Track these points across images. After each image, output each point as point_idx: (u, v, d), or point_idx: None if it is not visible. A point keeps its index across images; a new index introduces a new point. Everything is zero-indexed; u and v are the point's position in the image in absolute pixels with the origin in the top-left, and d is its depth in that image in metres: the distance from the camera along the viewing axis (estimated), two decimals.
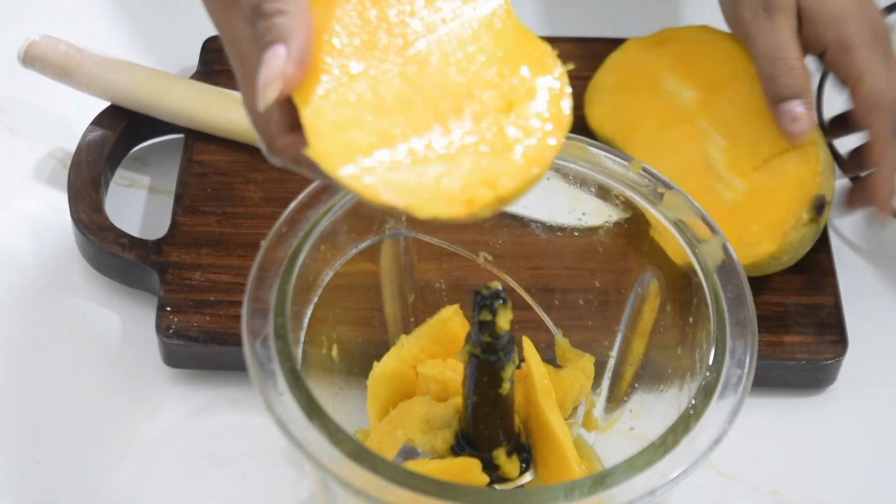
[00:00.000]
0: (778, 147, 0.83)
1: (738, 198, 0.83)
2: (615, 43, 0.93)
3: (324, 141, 0.58)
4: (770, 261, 0.82)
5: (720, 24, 0.89)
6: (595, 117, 0.90)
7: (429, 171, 0.57)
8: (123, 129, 0.92)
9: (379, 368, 0.74)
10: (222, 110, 0.91)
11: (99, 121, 0.92)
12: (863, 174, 0.86)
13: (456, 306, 0.74)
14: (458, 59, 0.60)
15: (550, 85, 0.59)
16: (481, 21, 0.61)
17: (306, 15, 0.59)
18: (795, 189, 0.82)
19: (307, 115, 0.58)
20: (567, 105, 0.59)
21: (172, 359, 0.83)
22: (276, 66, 0.58)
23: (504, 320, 0.66)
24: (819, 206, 0.82)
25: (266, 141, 0.61)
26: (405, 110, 0.59)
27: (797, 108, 0.81)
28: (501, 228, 0.76)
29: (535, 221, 0.75)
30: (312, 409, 0.62)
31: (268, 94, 0.58)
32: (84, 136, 0.91)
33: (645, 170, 0.71)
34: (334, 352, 0.74)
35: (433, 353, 0.74)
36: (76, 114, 0.95)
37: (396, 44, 0.61)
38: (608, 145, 0.87)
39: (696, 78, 0.88)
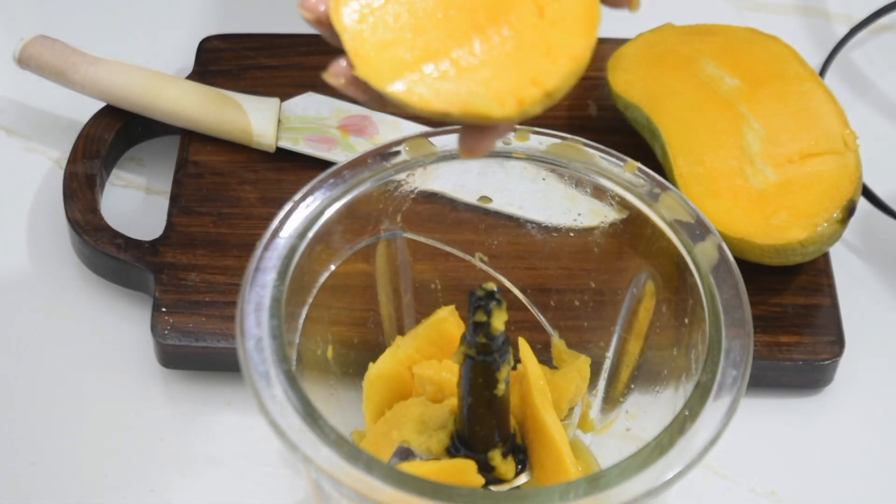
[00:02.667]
0: (817, 148, 0.85)
1: (767, 185, 0.84)
2: (618, 42, 0.94)
3: (369, 62, 0.60)
4: (797, 247, 0.82)
5: None
6: (619, 83, 0.92)
7: (475, 77, 0.59)
8: (119, 130, 0.92)
9: (374, 369, 0.74)
10: (218, 111, 0.91)
11: (94, 121, 0.92)
12: None
13: (451, 307, 0.74)
14: None
15: None
16: None
17: None
18: (832, 189, 0.84)
19: (348, 40, 0.60)
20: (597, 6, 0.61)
21: (168, 360, 0.83)
22: None
23: (499, 321, 0.66)
24: (851, 210, 0.83)
25: None
26: (442, 25, 0.61)
27: None
28: (497, 229, 0.75)
29: (531, 222, 0.75)
30: (307, 411, 0.62)
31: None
32: (79, 136, 0.91)
33: (640, 170, 0.71)
34: (329, 353, 0.74)
35: (429, 353, 0.74)
36: (71, 114, 0.95)
37: None
38: (632, 109, 0.88)
39: (741, 69, 0.90)
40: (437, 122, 0.61)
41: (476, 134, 0.62)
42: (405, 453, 0.71)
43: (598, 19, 0.61)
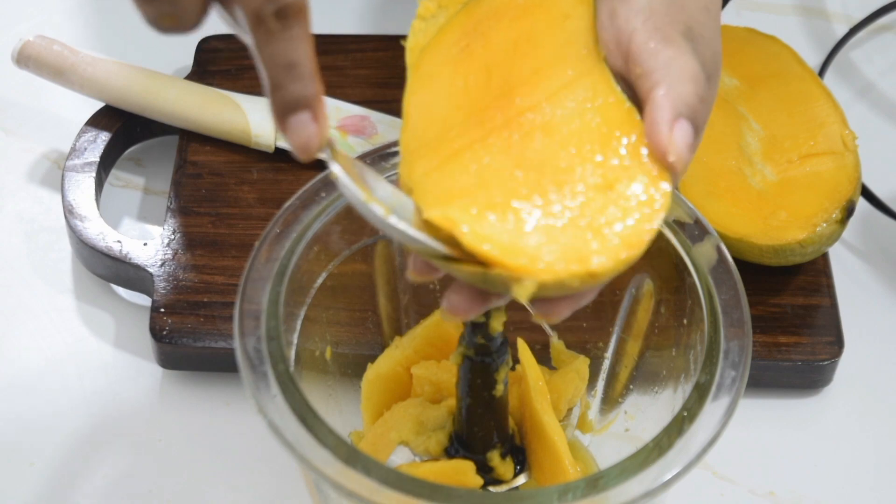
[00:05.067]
0: (816, 148, 0.85)
1: (766, 185, 0.84)
2: None
3: (435, 209, 0.58)
4: (796, 248, 0.82)
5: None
6: None
7: (529, 239, 0.57)
8: (118, 130, 0.92)
9: (373, 370, 0.74)
10: (217, 111, 0.91)
11: (93, 121, 0.92)
12: None
13: None
14: (561, 135, 0.60)
15: (650, 167, 0.59)
16: (584, 96, 0.61)
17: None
18: (832, 189, 0.84)
19: (415, 190, 0.59)
20: (666, 187, 0.58)
21: (166, 360, 0.82)
22: (306, 133, 0.57)
23: (497, 322, 0.66)
24: (850, 210, 0.83)
25: None
26: (510, 181, 0.59)
27: None
28: None
29: None
30: (305, 412, 0.62)
31: (312, 153, 0.57)
32: (78, 136, 0.91)
33: None
34: (328, 353, 0.74)
35: (427, 354, 0.74)
36: (70, 114, 0.95)
37: (500, 117, 0.61)
38: None
39: (740, 69, 0.90)
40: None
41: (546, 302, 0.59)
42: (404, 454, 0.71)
43: (664, 208, 0.58)
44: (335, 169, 0.57)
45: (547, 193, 0.58)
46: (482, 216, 0.57)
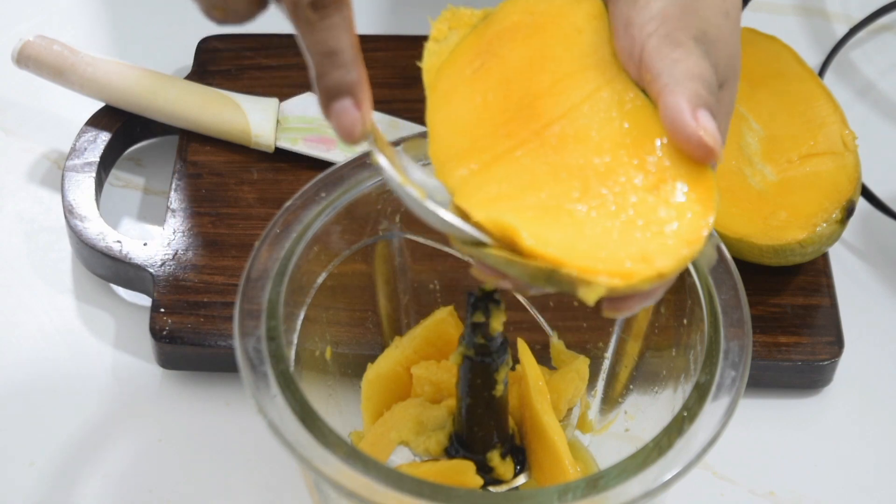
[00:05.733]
0: (816, 148, 0.85)
1: (766, 185, 0.84)
2: None
3: (483, 211, 0.58)
4: (796, 248, 0.82)
5: None
6: None
7: (590, 242, 0.57)
8: (118, 130, 0.92)
9: (373, 370, 0.74)
10: (217, 111, 0.91)
11: (93, 121, 0.92)
12: None
13: (450, 308, 0.74)
14: (594, 141, 0.60)
15: (690, 163, 0.59)
16: (610, 103, 0.61)
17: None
18: (832, 189, 0.84)
19: (456, 193, 0.59)
20: (711, 181, 0.58)
21: (166, 360, 0.82)
22: (349, 119, 0.58)
23: (497, 322, 0.66)
24: (850, 210, 0.83)
25: None
26: (555, 184, 0.59)
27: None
28: None
29: None
30: (305, 412, 0.62)
31: (356, 139, 0.58)
32: (78, 136, 0.91)
33: None
34: (328, 353, 0.74)
35: (427, 354, 0.73)
36: (70, 114, 0.95)
37: (527, 129, 0.61)
38: None
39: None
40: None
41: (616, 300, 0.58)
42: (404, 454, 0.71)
43: (715, 203, 0.57)
44: (378, 156, 0.58)
45: (596, 196, 0.58)
46: (537, 218, 0.57)
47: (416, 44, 1.00)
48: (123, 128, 0.92)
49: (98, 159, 0.89)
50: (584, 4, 0.64)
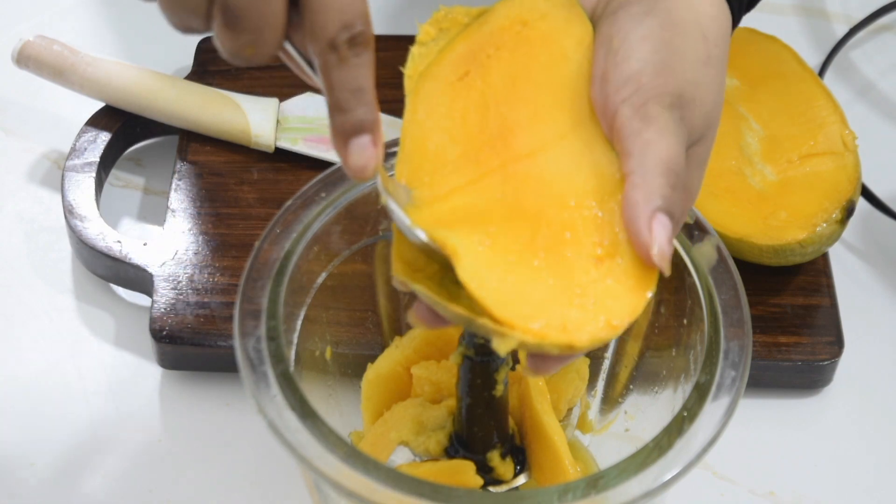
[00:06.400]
0: (816, 148, 0.86)
1: (766, 185, 0.84)
2: None
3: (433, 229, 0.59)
4: (796, 248, 0.82)
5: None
6: None
7: (518, 295, 0.57)
8: (118, 130, 0.92)
9: (373, 370, 0.74)
10: (217, 111, 0.91)
11: (93, 121, 0.92)
12: None
13: None
14: (556, 190, 0.60)
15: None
16: (579, 150, 0.61)
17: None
18: (832, 190, 0.84)
19: (413, 212, 0.60)
20: (652, 277, 0.58)
21: (166, 360, 0.82)
22: (366, 156, 0.59)
23: None
24: (850, 210, 0.83)
25: None
26: (506, 224, 0.59)
27: None
28: None
29: None
30: (305, 412, 0.62)
31: (368, 176, 0.59)
32: (78, 136, 0.91)
33: None
34: (328, 353, 0.74)
35: (427, 354, 0.73)
36: (70, 114, 0.95)
37: (495, 160, 0.61)
38: None
39: (740, 70, 0.90)
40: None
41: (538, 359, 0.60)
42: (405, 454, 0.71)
43: (651, 288, 0.58)
44: (387, 198, 0.59)
45: (541, 248, 0.59)
46: (479, 253, 0.58)
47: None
48: (123, 128, 0.92)
49: (98, 159, 0.90)
50: (576, 27, 0.63)
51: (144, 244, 0.85)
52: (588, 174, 0.60)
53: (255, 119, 0.91)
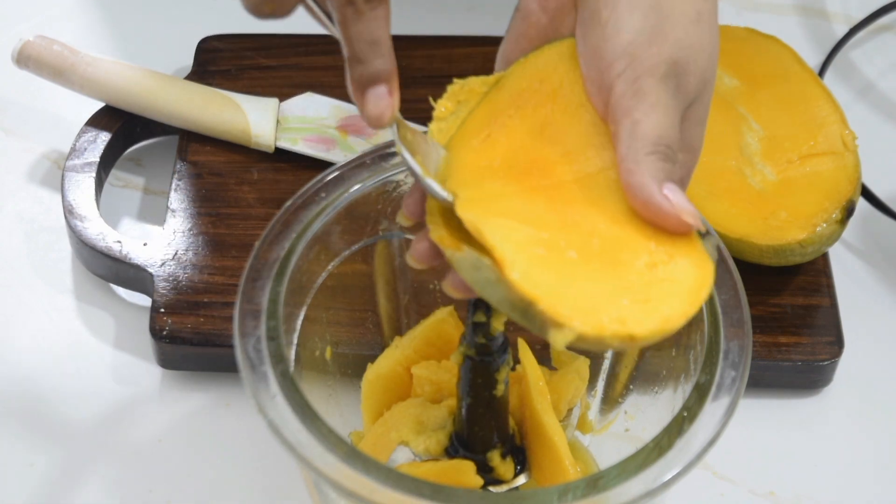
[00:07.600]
0: (816, 148, 0.85)
1: (766, 185, 0.84)
2: None
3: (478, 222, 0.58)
4: (796, 248, 0.82)
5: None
6: None
7: (568, 291, 0.57)
8: (118, 130, 0.92)
9: (373, 370, 0.74)
10: (217, 111, 0.91)
11: (93, 121, 0.92)
12: None
13: (450, 307, 0.74)
14: (604, 208, 0.60)
15: (695, 251, 0.59)
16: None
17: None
18: (832, 189, 0.84)
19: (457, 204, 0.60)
20: (710, 267, 0.58)
21: (166, 360, 0.82)
22: (382, 105, 0.61)
23: (498, 321, 0.66)
24: (850, 210, 0.83)
25: None
26: (558, 231, 0.59)
27: None
28: None
29: None
30: (305, 412, 0.62)
31: (383, 124, 0.61)
32: (78, 136, 0.91)
33: None
34: (328, 353, 0.74)
35: (427, 354, 0.73)
36: (70, 114, 0.95)
37: (541, 180, 0.61)
38: None
39: (740, 70, 0.89)
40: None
41: None
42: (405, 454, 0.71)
43: (707, 290, 0.58)
44: (401, 148, 0.60)
45: (594, 255, 0.58)
46: (530, 256, 0.57)
47: (417, 43, 1.00)
48: (123, 128, 0.92)
49: (98, 159, 0.90)
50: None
51: (144, 244, 0.85)
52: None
53: (255, 119, 0.91)
